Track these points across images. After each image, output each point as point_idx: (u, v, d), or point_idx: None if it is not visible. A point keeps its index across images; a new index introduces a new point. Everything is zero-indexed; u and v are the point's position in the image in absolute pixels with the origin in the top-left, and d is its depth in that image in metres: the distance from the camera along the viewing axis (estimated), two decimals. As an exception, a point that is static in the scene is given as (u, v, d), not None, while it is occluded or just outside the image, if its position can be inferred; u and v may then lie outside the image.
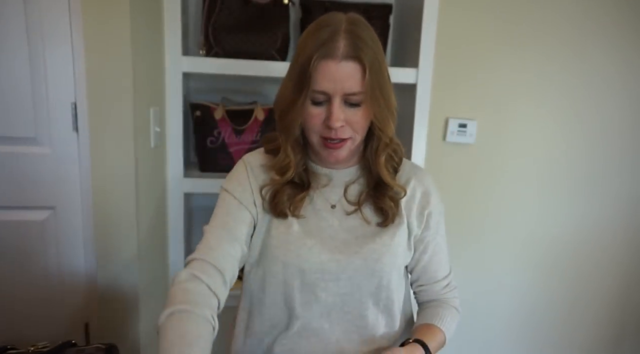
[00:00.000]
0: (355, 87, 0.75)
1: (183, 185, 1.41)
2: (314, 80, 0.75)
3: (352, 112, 0.78)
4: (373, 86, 0.76)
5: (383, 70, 0.79)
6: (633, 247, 1.74)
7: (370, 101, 0.77)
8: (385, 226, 0.86)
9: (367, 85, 0.75)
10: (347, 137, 0.80)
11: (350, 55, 0.74)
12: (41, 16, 1.04)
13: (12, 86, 1.06)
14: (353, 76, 0.75)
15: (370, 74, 0.75)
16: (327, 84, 0.75)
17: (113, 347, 1.06)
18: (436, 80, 1.49)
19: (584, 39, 1.56)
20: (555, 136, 1.63)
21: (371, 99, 0.76)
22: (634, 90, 1.62)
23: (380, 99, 0.78)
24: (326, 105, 0.77)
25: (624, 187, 1.69)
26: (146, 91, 1.21)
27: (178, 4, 1.31)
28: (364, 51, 0.75)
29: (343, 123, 0.78)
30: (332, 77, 0.74)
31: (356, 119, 0.78)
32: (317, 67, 0.74)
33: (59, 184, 1.13)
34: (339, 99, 0.76)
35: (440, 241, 0.93)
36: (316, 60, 0.74)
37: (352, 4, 1.44)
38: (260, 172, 0.89)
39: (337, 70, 0.74)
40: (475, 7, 1.51)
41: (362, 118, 0.79)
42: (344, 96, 0.76)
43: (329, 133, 0.79)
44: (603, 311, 1.79)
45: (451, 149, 1.59)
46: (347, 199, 0.88)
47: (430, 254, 0.91)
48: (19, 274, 1.16)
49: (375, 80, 0.76)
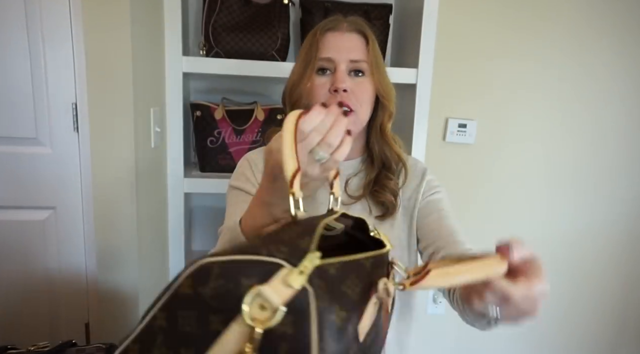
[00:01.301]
0: (359, 55, 0.82)
1: (183, 185, 1.42)
2: (320, 50, 0.82)
3: (356, 82, 0.82)
4: (377, 58, 0.83)
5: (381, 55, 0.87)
6: (633, 247, 1.74)
7: (376, 70, 0.83)
8: (384, 219, 0.87)
9: (371, 55, 0.82)
10: (351, 110, 0.82)
11: (355, 29, 0.83)
12: (42, 16, 1.04)
13: (13, 86, 1.06)
14: (357, 45, 0.83)
15: (373, 46, 0.83)
16: (333, 52, 0.82)
17: (113, 347, 1.06)
18: (436, 80, 1.49)
19: (584, 40, 1.56)
20: (554, 136, 1.63)
21: (376, 68, 0.83)
22: (634, 90, 1.62)
23: (383, 72, 0.85)
24: (331, 75, 0.83)
25: (623, 187, 1.69)
26: (146, 91, 1.21)
27: (178, 4, 1.31)
28: (365, 28, 0.84)
29: (348, 88, 0.81)
30: (337, 45, 0.82)
31: (360, 88, 0.82)
32: (324, 37, 0.83)
33: (59, 184, 1.13)
34: (344, 66, 0.82)
35: (447, 209, 0.89)
36: (321, 32, 0.83)
37: (352, 4, 1.44)
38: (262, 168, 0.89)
39: (342, 39, 0.82)
40: (475, 7, 1.51)
41: (366, 88, 0.83)
42: (349, 64, 0.82)
43: (334, 99, 0.80)
44: (603, 310, 1.79)
45: (451, 149, 1.60)
46: (347, 192, 0.89)
47: (436, 216, 0.87)
48: (19, 274, 1.16)
49: (378, 55, 0.84)
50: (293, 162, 0.48)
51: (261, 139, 1.45)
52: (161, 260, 1.43)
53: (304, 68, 0.83)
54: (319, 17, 1.41)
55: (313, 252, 0.38)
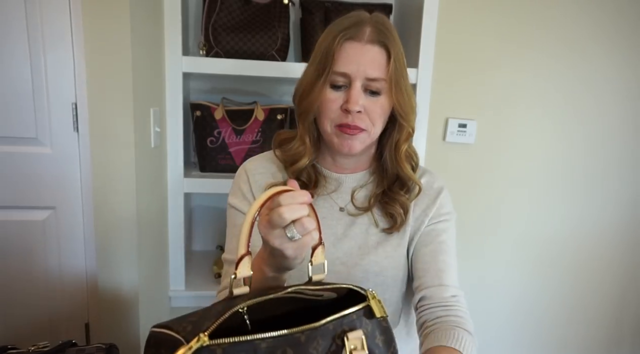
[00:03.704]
0: (377, 73, 0.74)
1: (183, 185, 1.41)
2: (336, 62, 0.74)
3: (371, 101, 0.76)
4: (397, 75, 0.75)
5: (404, 67, 0.78)
6: (632, 247, 1.74)
7: (395, 89, 0.76)
8: (391, 232, 0.83)
9: (391, 72, 0.74)
10: (363, 128, 0.78)
11: (377, 39, 0.74)
12: (42, 16, 1.04)
13: (13, 87, 1.06)
14: (377, 61, 0.74)
15: (395, 62, 0.74)
16: (349, 66, 0.74)
17: (113, 347, 1.06)
18: (436, 81, 1.49)
19: (584, 40, 1.56)
20: (555, 136, 1.63)
21: (395, 86, 0.75)
22: (634, 91, 1.62)
23: (404, 89, 0.77)
24: (345, 90, 0.76)
25: (623, 187, 1.69)
26: (146, 91, 1.21)
27: (178, 4, 1.31)
28: (389, 39, 0.75)
29: (361, 108, 0.76)
30: (355, 59, 0.73)
31: (374, 108, 0.76)
32: (341, 47, 0.74)
33: (59, 184, 1.13)
34: (360, 83, 0.75)
35: (448, 242, 0.85)
36: (340, 40, 0.74)
37: (353, 4, 1.44)
38: (261, 177, 0.87)
39: (361, 52, 0.73)
40: (475, 7, 1.51)
41: (381, 108, 0.77)
42: (365, 81, 0.75)
43: (345, 119, 0.76)
44: (602, 311, 1.79)
45: (451, 149, 1.59)
46: (354, 203, 0.86)
47: (432, 248, 0.83)
48: (19, 274, 1.16)
49: (399, 70, 0.76)
50: (244, 247, 0.53)
51: (261, 139, 1.45)
52: (161, 260, 1.43)
53: (317, 77, 0.77)
54: (319, 17, 1.41)
55: (203, 333, 0.44)
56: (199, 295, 1.46)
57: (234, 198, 0.88)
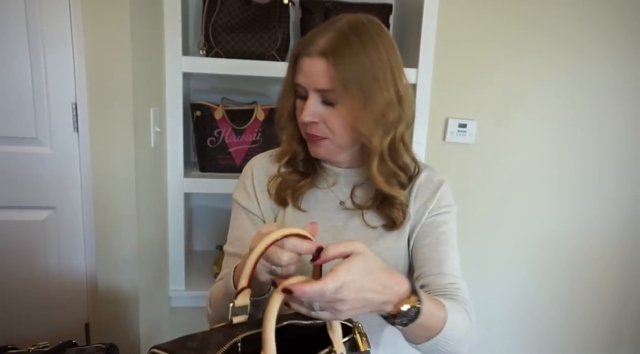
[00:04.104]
0: (323, 84, 0.74)
1: (183, 185, 1.42)
2: (296, 74, 0.78)
3: (327, 111, 0.76)
4: (348, 85, 0.73)
5: (375, 72, 0.74)
6: (631, 247, 1.74)
7: (346, 101, 0.74)
8: (391, 230, 0.84)
9: (337, 83, 0.72)
10: (323, 136, 0.79)
11: (323, 51, 0.73)
12: (42, 17, 1.04)
13: (13, 87, 1.06)
14: (322, 73, 0.73)
15: (342, 72, 0.72)
16: (303, 79, 0.76)
17: (113, 347, 1.06)
18: (436, 80, 1.49)
19: (584, 40, 1.56)
20: (554, 136, 1.63)
21: (346, 98, 0.74)
22: (634, 92, 1.62)
23: (361, 102, 0.74)
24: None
25: (622, 187, 1.69)
26: (146, 91, 1.21)
27: (178, 4, 1.31)
28: (341, 49, 0.72)
29: (313, 119, 0.77)
30: (306, 72, 0.75)
31: (330, 118, 0.77)
32: (298, 62, 0.77)
33: (59, 184, 1.13)
34: (314, 95, 0.76)
35: (448, 233, 0.84)
36: (299, 56, 0.77)
37: (352, 4, 1.44)
38: (264, 172, 0.89)
39: (311, 64, 0.74)
40: (475, 7, 1.51)
41: (337, 118, 0.76)
42: (319, 93, 0.76)
43: (306, 128, 0.79)
44: (600, 311, 1.79)
45: (451, 149, 1.59)
46: (353, 200, 0.87)
47: (432, 239, 0.83)
48: (19, 273, 1.16)
49: (354, 80, 0.73)
50: (245, 280, 0.57)
51: (261, 139, 1.45)
52: (161, 260, 1.43)
53: (284, 92, 0.82)
54: (319, 17, 1.41)
55: None
56: (198, 295, 1.46)
57: (236, 192, 0.91)
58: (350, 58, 0.73)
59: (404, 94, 0.78)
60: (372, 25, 0.77)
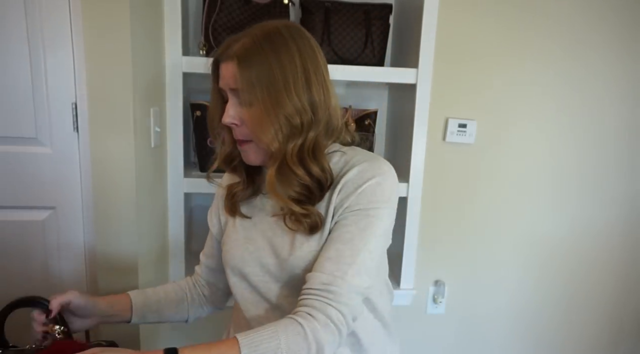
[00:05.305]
0: (232, 83, 0.77)
1: (183, 185, 1.42)
2: (218, 80, 0.81)
3: (243, 111, 0.78)
4: (254, 86, 0.74)
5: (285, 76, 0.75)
6: (631, 247, 1.74)
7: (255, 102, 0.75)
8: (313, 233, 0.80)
9: (243, 82, 0.75)
10: (246, 139, 0.80)
11: (231, 55, 0.76)
12: (42, 17, 1.04)
13: (13, 87, 1.06)
14: (231, 73, 0.76)
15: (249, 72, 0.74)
16: (221, 82, 0.80)
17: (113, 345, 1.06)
18: (436, 80, 1.49)
19: (583, 40, 1.56)
20: (554, 136, 1.63)
21: (254, 100, 0.75)
22: (633, 92, 1.62)
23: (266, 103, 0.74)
24: None
25: (622, 187, 1.69)
26: (146, 91, 1.21)
27: (178, 4, 1.31)
28: (250, 51, 0.75)
29: (233, 120, 0.78)
30: (222, 75, 0.79)
31: (247, 118, 0.77)
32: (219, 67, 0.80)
33: (59, 184, 1.13)
34: (231, 97, 0.79)
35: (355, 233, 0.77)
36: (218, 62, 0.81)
37: (352, 4, 1.44)
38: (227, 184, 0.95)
39: (224, 69, 0.78)
40: (475, 7, 1.51)
41: (252, 118, 0.77)
42: (233, 93, 0.78)
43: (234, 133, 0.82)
44: (600, 311, 1.79)
45: (451, 149, 1.59)
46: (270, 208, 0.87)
47: (333, 236, 0.78)
48: (19, 273, 1.16)
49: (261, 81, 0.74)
50: None
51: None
52: (161, 260, 1.43)
53: (211, 99, 0.85)
54: (319, 17, 1.41)
55: None
56: (199, 295, 1.46)
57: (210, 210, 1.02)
58: (257, 60, 0.75)
59: (319, 99, 0.77)
60: (289, 30, 0.78)
